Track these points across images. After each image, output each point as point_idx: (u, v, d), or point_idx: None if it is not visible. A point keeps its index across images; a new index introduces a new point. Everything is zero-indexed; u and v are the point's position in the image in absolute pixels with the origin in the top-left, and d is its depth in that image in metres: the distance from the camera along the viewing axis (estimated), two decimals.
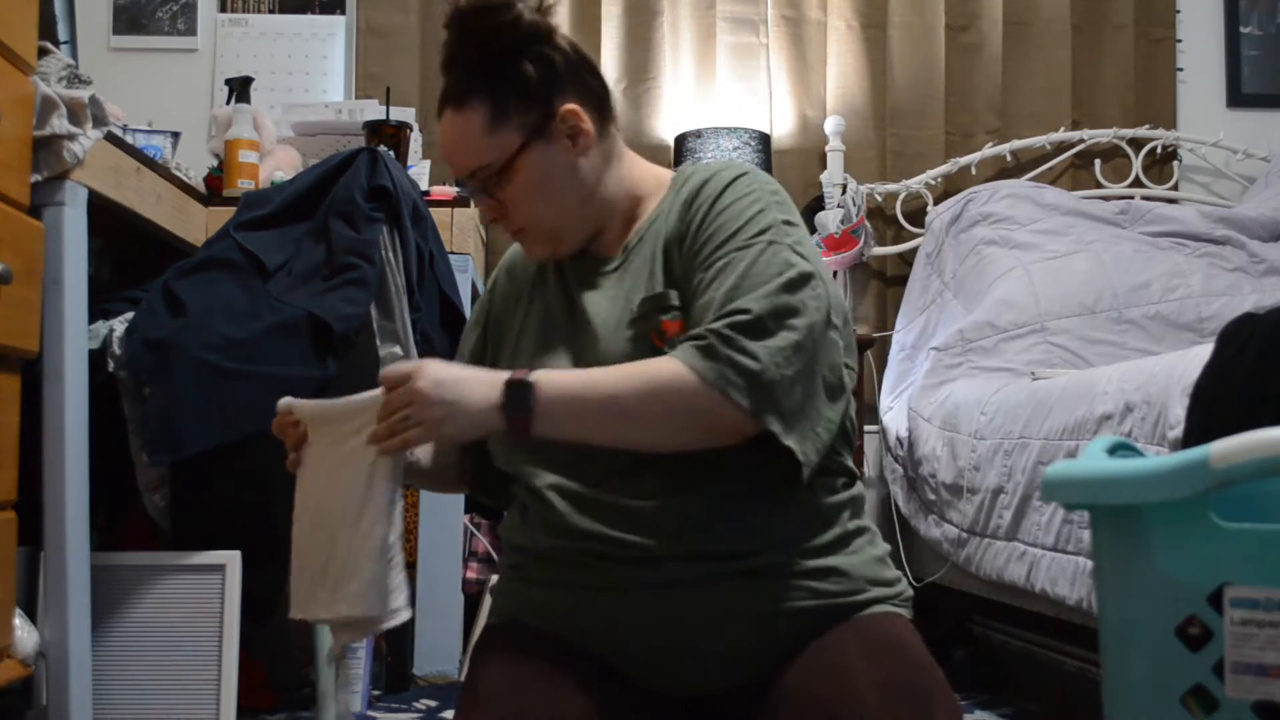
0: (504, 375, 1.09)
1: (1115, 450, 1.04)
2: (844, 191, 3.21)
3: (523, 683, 1.11)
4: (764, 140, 3.15)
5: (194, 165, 2.60)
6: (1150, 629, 0.90)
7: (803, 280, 1.12)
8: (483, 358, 1.33)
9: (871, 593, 1.18)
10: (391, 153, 2.27)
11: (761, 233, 1.14)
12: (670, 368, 1.08)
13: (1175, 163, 3.42)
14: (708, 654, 1.13)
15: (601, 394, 1.09)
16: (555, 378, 1.10)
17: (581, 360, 1.20)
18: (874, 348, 3.17)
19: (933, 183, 3.33)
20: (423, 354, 2.18)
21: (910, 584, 1.29)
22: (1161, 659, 0.89)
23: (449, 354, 2.37)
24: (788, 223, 1.17)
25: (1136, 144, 3.38)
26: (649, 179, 1.29)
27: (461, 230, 2.58)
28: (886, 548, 1.25)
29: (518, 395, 1.07)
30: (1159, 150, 3.40)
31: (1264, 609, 0.84)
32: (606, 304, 1.22)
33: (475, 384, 1.09)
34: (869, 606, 1.17)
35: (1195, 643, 0.88)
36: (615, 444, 1.11)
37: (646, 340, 1.16)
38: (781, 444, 1.08)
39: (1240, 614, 0.85)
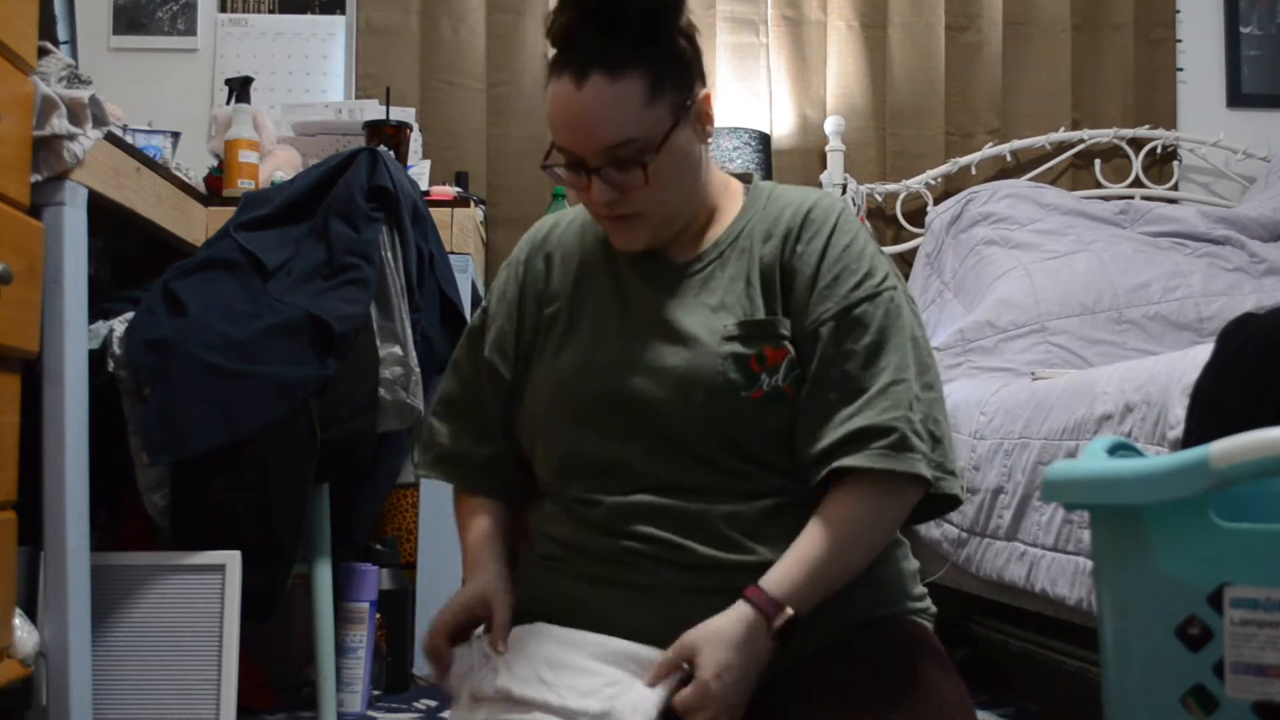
0: (763, 629, 1.07)
1: (1115, 450, 1.04)
2: (844, 191, 3.21)
3: None
4: (764, 140, 3.14)
5: (194, 165, 2.60)
6: (1150, 629, 0.90)
7: (924, 330, 1.20)
8: (510, 347, 1.28)
9: (902, 606, 1.21)
10: (391, 153, 2.27)
11: (883, 280, 1.18)
12: (859, 507, 1.12)
13: (1175, 163, 3.42)
14: None
15: (831, 571, 1.11)
16: (792, 587, 1.08)
17: (646, 360, 1.18)
18: None
19: (933, 183, 3.33)
20: (422, 354, 2.18)
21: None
22: (1161, 659, 0.89)
23: (449, 354, 2.37)
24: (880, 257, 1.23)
25: (1136, 144, 3.38)
26: (721, 185, 1.27)
27: (461, 230, 2.58)
28: (917, 564, 1.26)
29: (786, 633, 1.08)
30: (1159, 150, 3.40)
31: (1264, 609, 0.84)
32: (685, 312, 1.19)
33: (753, 654, 1.07)
34: (895, 619, 1.20)
35: (1195, 643, 0.88)
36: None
37: (746, 363, 1.15)
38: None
39: (1240, 614, 0.85)
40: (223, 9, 3.32)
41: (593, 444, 1.18)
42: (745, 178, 1.30)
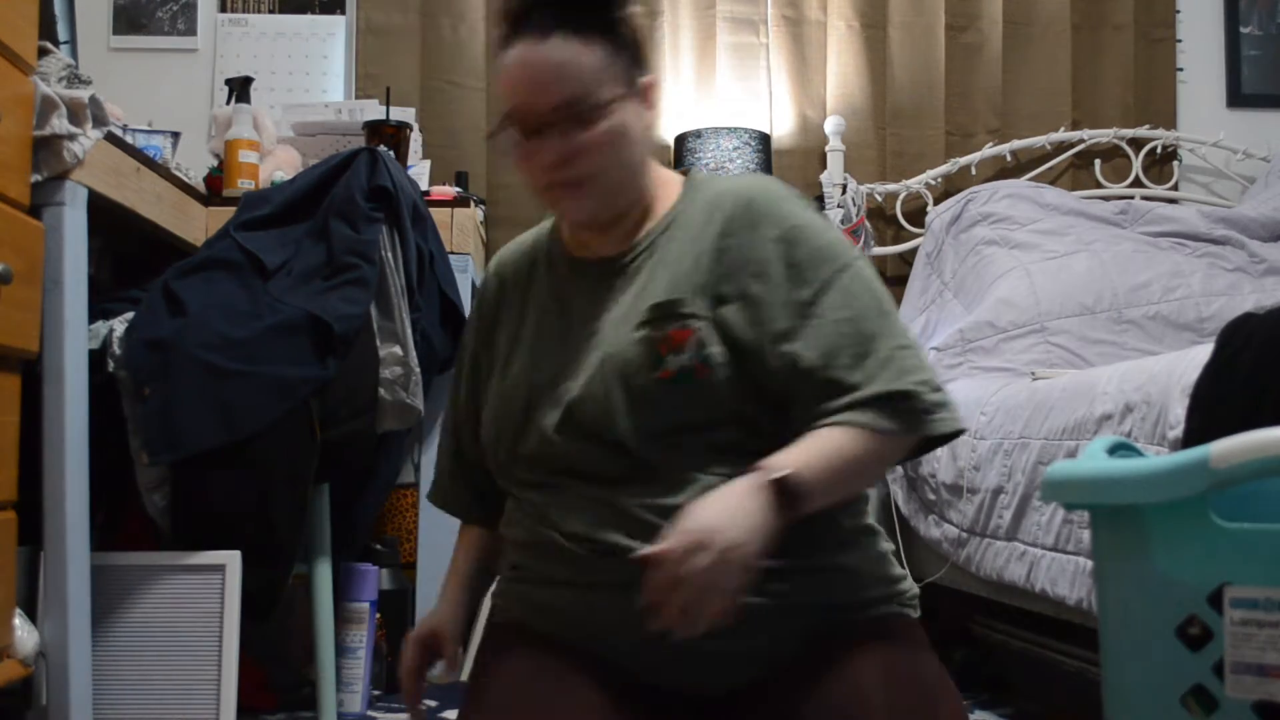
0: (758, 485, 1.06)
1: (1115, 450, 1.04)
2: (844, 191, 3.21)
3: (529, 688, 1.12)
4: (764, 140, 3.14)
5: (194, 165, 2.60)
6: (1150, 629, 0.90)
7: (889, 299, 1.22)
8: (479, 378, 1.35)
9: (876, 591, 1.18)
10: (391, 153, 2.27)
11: (841, 257, 1.20)
12: (852, 434, 1.13)
13: (1175, 163, 3.41)
14: (708, 651, 1.13)
15: (842, 469, 1.12)
16: (802, 465, 1.08)
17: (576, 356, 1.20)
18: None
19: (933, 183, 3.32)
20: (422, 354, 2.18)
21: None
22: (1161, 659, 0.89)
23: (449, 354, 2.37)
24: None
25: (1136, 144, 3.38)
26: (660, 180, 1.29)
27: (461, 230, 2.58)
28: (890, 546, 1.25)
29: (790, 497, 1.06)
30: (1159, 150, 3.40)
31: (1264, 609, 0.84)
32: (610, 302, 1.21)
33: (739, 514, 1.04)
34: (875, 605, 1.18)
35: (1195, 643, 0.88)
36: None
37: (654, 347, 1.16)
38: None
39: (1240, 614, 0.85)
40: (223, 9, 3.32)
41: (534, 446, 1.21)
42: (687, 172, 1.32)
